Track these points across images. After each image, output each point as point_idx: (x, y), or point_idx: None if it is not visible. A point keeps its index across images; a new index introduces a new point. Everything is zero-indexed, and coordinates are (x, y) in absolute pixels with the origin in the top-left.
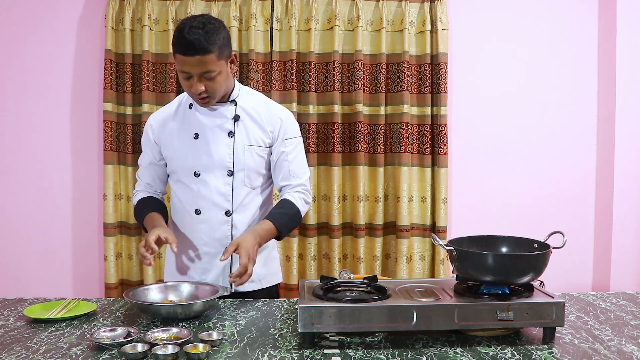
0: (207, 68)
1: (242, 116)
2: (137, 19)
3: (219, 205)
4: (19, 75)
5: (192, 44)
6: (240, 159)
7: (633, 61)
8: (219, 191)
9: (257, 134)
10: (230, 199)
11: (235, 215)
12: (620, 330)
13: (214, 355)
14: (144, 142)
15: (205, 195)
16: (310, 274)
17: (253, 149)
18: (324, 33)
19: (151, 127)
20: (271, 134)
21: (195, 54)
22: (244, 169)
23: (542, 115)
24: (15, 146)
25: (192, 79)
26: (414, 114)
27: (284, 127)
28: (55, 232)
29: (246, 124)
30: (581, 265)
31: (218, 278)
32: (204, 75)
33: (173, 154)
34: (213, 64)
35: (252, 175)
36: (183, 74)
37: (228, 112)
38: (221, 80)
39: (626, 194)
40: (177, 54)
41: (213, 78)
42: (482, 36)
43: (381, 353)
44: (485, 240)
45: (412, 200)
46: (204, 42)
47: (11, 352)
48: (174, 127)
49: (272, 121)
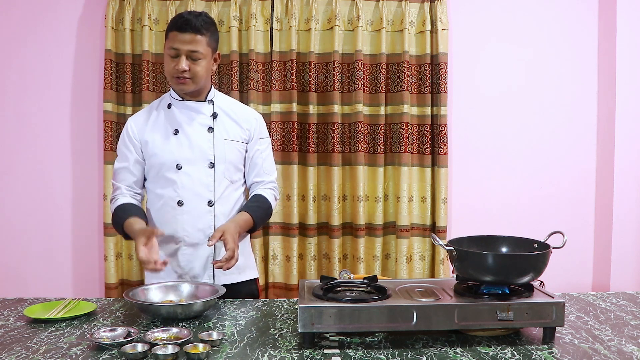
0: (196, 47)
1: (220, 114)
2: (137, 19)
3: (201, 195)
4: (19, 75)
5: (189, 22)
6: (220, 152)
7: (633, 61)
8: (202, 182)
9: (234, 130)
10: (212, 189)
11: (216, 205)
12: (620, 330)
13: (214, 355)
14: (124, 144)
15: (188, 187)
16: (310, 274)
17: (232, 144)
18: (324, 33)
19: (131, 128)
20: (247, 132)
21: (188, 31)
22: (224, 162)
23: (542, 115)
24: (15, 146)
25: (178, 57)
26: (414, 114)
27: (258, 126)
28: (55, 232)
29: (224, 121)
30: (581, 265)
31: (203, 268)
32: (191, 54)
33: (154, 149)
34: (202, 46)
35: (231, 169)
36: (171, 51)
37: (206, 110)
38: (204, 66)
39: (626, 194)
40: (170, 32)
41: (198, 60)
42: (482, 36)
43: (381, 353)
44: (485, 240)
45: (412, 200)
46: (200, 24)
47: (11, 352)
48: (154, 125)
49: (248, 120)
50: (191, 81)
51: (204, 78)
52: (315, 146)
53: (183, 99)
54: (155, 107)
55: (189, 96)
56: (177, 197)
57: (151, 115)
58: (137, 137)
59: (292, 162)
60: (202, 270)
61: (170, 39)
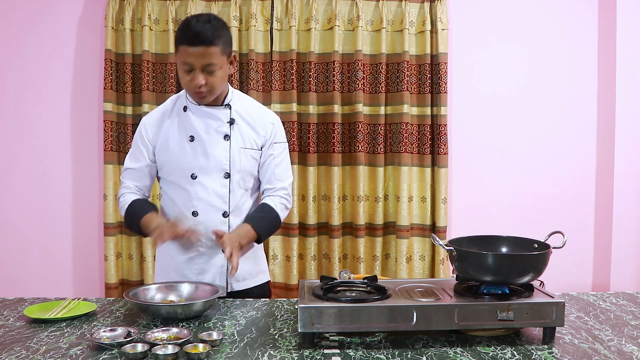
0: (210, 60)
1: (237, 119)
2: (137, 19)
3: (216, 207)
4: (19, 75)
5: (199, 35)
6: (236, 161)
7: (633, 61)
8: (217, 193)
9: (251, 137)
10: (227, 200)
11: (231, 216)
12: (620, 330)
13: (214, 355)
14: (138, 143)
15: (202, 197)
16: (310, 274)
17: (248, 152)
18: (324, 33)
19: (145, 128)
20: (263, 138)
21: (200, 45)
22: (239, 171)
23: (542, 115)
24: (15, 146)
25: (193, 72)
26: (414, 114)
27: (274, 131)
28: (55, 232)
29: (241, 127)
30: (581, 265)
31: (215, 278)
32: (206, 67)
33: (168, 156)
34: (216, 57)
35: (247, 177)
36: (185, 66)
37: (223, 115)
38: (221, 76)
39: (626, 194)
40: (181, 46)
41: (214, 72)
42: (482, 36)
43: (381, 353)
44: (485, 240)
45: (412, 200)
46: (210, 34)
47: (11, 352)
48: (169, 130)
49: (264, 125)
50: (209, 93)
51: (221, 87)
52: (315, 146)
53: (199, 103)
54: (170, 109)
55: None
56: (191, 208)
57: (166, 118)
58: (151, 140)
59: (292, 162)
60: (215, 279)
61: (181, 53)
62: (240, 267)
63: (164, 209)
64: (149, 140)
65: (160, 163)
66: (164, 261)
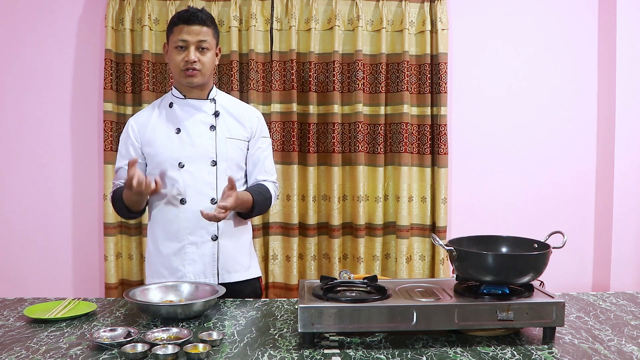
0: (204, 37)
1: (222, 112)
2: (137, 19)
3: (204, 193)
4: (19, 75)
5: (195, 14)
6: (222, 150)
7: (633, 61)
8: (204, 180)
9: (237, 129)
10: (215, 187)
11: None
12: (620, 330)
13: (214, 355)
14: (124, 144)
15: (190, 185)
16: (310, 274)
17: (234, 142)
18: (324, 33)
19: (132, 128)
20: (250, 130)
21: (196, 23)
22: (226, 160)
23: (542, 115)
24: (16, 146)
25: (187, 49)
26: (414, 114)
27: (260, 125)
28: (55, 232)
29: (226, 120)
30: (581, 265)
31: (205, 267)
32: (200, 44)
33: (156, 148)
34: (209, 36)
35: (234, 167)
36: (180, 44)
37: (209, 108)
38: (210, 58)
39: (626, 194)
40: (176, 27)
41: (206, 51)
42: (482, 36)
43: (381, 353)
44: (485, 240)
45: (412, 200)
46: (205, 17)
47: (11, 352)
48: (155, 125)
49: (250, 118)
50: (199, 73)
51: (210, 70)
52: (315, 146)
53: (185, 97)
54: (156, 106)
55: (193, 92)
56: (179, 196)
57: (152, 115)
58: (137, 138)
59: (292, 162)
60: (206, 269)
61: (176, 32)
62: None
63: (153, 204)
64: (136, 139)
65: (148, 157)
66: (153, 258)
